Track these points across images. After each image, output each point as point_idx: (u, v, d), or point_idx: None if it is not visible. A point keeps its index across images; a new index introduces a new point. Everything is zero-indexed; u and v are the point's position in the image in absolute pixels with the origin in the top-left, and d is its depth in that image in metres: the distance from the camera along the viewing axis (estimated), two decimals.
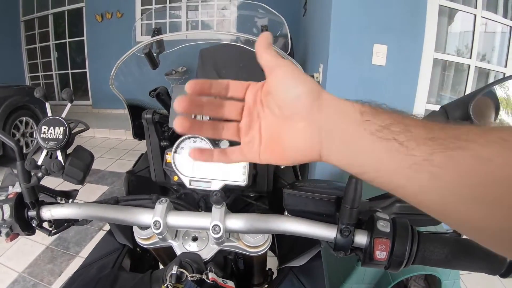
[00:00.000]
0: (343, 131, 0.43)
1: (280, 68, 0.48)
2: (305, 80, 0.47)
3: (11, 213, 0.76)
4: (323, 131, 0.44)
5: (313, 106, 0.45)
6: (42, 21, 8.80)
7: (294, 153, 0.48)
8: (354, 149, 0.42)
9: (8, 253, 3.05)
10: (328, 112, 0.44)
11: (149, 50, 1.11)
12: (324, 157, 0.45)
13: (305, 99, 0.45)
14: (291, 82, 0.46)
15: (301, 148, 0.47)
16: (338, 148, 0.44)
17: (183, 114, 0.49)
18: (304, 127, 0.45)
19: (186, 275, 0.75)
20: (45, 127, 0.76)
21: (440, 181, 0.34)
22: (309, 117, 0.45)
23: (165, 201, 0.76)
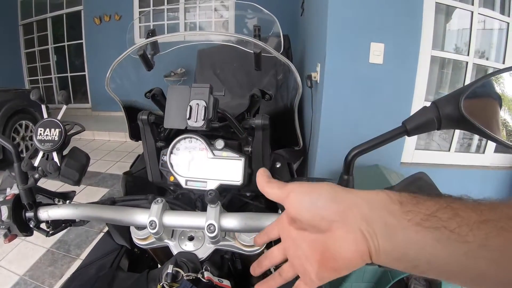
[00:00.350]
0: (384, 225, 0.40)
1: (291, 194, 0.48)
2: (320, 189, 0.46)
3: (9, 214, 0.77)
4: (363, 229, 0.41)
5: (342, 207, 0.43)
6: (41, 25, 8.82)
7: (346, 263, 0.44)
8: (400, 244, 0.39)
9: (9, 256, 3.05)
10: (362, 210, 0.42)
11: (144, 51, 1.11)
12: (373, 256, 0.42)
13: (335, 204, 0.44)
14: (309, 199, 0.46)
15: (350, 254, 0.43)
16: (383, 243, 0.40)
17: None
18: (344, 232, 0.43)
19: (181, 275, 0.75)
20: (41, 129, 0.76)
21: (500, 267, 0.33)
22: (344, 220, 0.43)
23: (160, 201, 0.76)
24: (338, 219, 0.43)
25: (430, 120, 0.56)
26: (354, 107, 2.77)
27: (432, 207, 0.38)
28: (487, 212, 0.35)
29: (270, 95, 0.97)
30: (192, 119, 0.78)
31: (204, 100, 0.79)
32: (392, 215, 0.40)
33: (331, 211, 0.44)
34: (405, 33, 2.64)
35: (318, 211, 0.45)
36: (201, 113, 0.78)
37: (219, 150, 0.93)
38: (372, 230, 0.41)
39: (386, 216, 0.40)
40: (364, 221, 0.41)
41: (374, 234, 0.40)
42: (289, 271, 0.54)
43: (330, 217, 0.44)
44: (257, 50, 1.05)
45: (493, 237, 0.33)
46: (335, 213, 0.43)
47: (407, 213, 0.39)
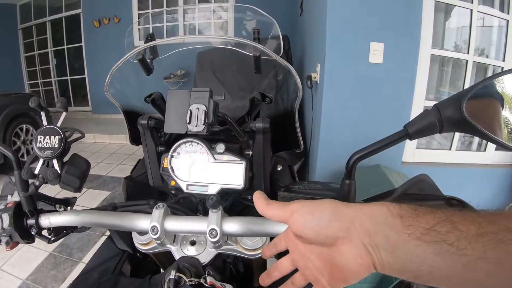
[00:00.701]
0: (386, 239, 0.42)
1: (294, 215, 0.49)
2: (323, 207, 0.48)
3: (10, 222, 0.77)
4: (366, 244, 0.43)
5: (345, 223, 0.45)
6: (40, 29, 8.82)
7: (353, 274, 0.46)
8: (401, 257, 0.41)
9: (11, 261, 3.05)
10: (364, 225, 0.44)
11: (143, 56, 1.11)
12: (378, 267, 0.43)
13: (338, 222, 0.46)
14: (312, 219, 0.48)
15: (356, 268, 0.45)
16: (386, 256, 0.42)
17: None
18: (349, 247, 0.45)
19: (184, 280, 0.75)
20: (41, 136, 0.76)
21: (498, 278, 0.34)
22: (347, 235, 0.45)
23: (162, 206, 0.76)
24: (342, 235, 0.45)
25: (432, 123, 0.56)
26: (355, 107, 2.77)
27: (432, 221, 0.39)
28: (485, 224, 0.36)
29: (270, 98, 0.97)
30: (192, 124, 0.78)
31: (204, 104, 0.78)
32: (393, 230, 0.41)
33: (335, 229, 0.45)
34: (404, 32, 2.64)
35: (322, 230, 0.46)
36: (201, 118, 0.77)
37: (220, 154, 0.93)
38: (374, 244, 0.42)
39: (387, 230, 0.42)
40: (367, 236, 0.43)
41: (376, 248, 0.42)
42: (301, 281, 0.56)
43: (334, 235, 0.46)
44: (257, 53, 1.05)
45: (491, 250, 0.34)
46: (339, 230, 0.45)
47: (407, 228, 0.40)
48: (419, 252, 0.39)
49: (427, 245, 0.38)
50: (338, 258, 0.46)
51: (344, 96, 2.77)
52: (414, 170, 2.82)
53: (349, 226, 0.45)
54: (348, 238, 0.44)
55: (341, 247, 0.45)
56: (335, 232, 0.45)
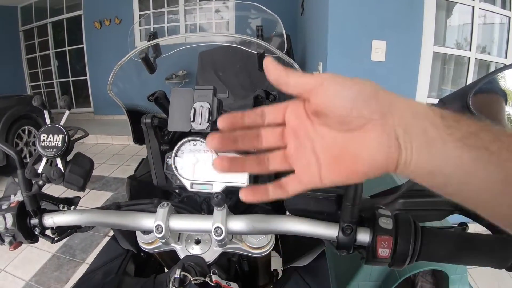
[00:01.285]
0: (424, 134, 0.37)
1: (326, 83, 0.40)
2: (363, 83, 0.40)
3: (14, 221, 0.76)
4: (400, 136, 0.38)
5: (383, 107, 0.39)
6: (41, 30, 8.84)
7: (368, 167, 0.41)
8: (436, 156, 0.36)
9: (15, 262, 3.06)
10: (403, 114, 0.38)
11: (146, 54, 1.11)
12: (401, 166, 0.39)
13: (376, 101, 0.39)
14: (348, 93, 0.40)
15: (377, 160, 0.39)
16: (419, 153, 0.37)
17: (217, 149, 0.45)
18: (379, 133, 0.38)
19: (189, 279, 0.75)
20: (44, 135, 0.75)
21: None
22: (382, 120, 0.38)
23: (166, 205, 0.75)
24: (377, 118, 0.38)
25: None
26: None
27: (474, 127, 0.36)
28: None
29: (274, 96, 0.96)
30: (196, 122, 0.77)
31: (208, 102, 0.78)
32: (434, 126, 0.37)
33: (372, 109, 0.39)
34: (406, 30, 2.63)
35: (357, 107, 0.39)
36: (205, 115, 0.77)
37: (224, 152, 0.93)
38: (408, 138, 0.37)
39: (426, 125, 0.37)
40: (403, 127, 0.38)
41: (410, 143, 0.37)
42: (283, 163, 0.47)
43: (370, 115, 0.38)
44: (261, 51, 1.05)
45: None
46: (375, 112, 0.38)
47: (448, 127, 0.36)
48: (458, 154, 0.35)
49: (468, 148, 0.34)
50: (357, 143, 0.40)
51: None
52: None
53: (386, 111, 0.38)
54: (381, 123, 0.38)
55: (368, 132, 0.39)
56: (371, 113, 0.38)
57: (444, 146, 0.35)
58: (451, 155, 0.35)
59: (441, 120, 0.37)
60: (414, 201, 0.74)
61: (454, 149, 0.35)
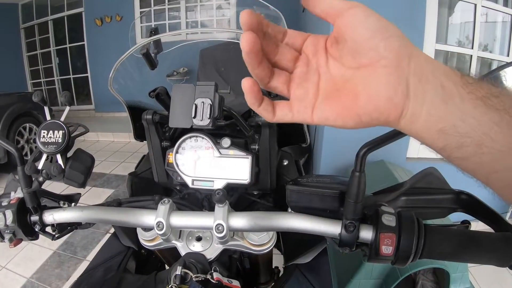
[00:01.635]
0: (440, 87, 0.34)
1: (356, 9, 0.38)
2: (387, 21, 0.38)
3: (14, 218, 0.76)
4: (411, 84, 0.35)
5: (402, 49, 0.36)
6: (42, 28, 8.82)
7: (366, 108, 0.37)
8: (453, 112, 0.33)
9: (15, 259, 3.06)
10: (421, 64, 0.36)
11: (147, 50, 1.10)
12: (406, 119, 0.36)
13: (396, 42, 0.36)
14: (376, 21, 0.37)
15: (378, 101, 0.36)
16: (431, 107, 0.34)
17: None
18: (389, 73, 0.36)
19: (190, 276, 0.74)
20: (44, 131, 0.75)
21: None
22: (396, 61, 0.36)
23: (167, 202, 0.75)
24: (391, 57, 0.36)
25: None
26: None
27: (494, 89, 0.33)
28: None
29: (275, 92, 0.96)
30: (197, 118, 0.77)
31: (210, 98, 0.77)
32: (452, 82, 0.34)
33: (391, 46, 0.36)
34: (408, 27, 2.62)
35: (378, 38, 0.36)
36: (206, 112, 0.77)
37: (225, 149, 0.92)
38: (422, 89, 0.35)
39: (444, 80, 0.35)
40: (417, 76, 0.35)
41: (422, 94, 0.35)
42: (284, 83, 0.45)
43: (385, 50, 0.36)
44: None
45: None
46: (393, 50, 0.36)
47: (467, 85, 0.34)
48: (476, 113, 0.32)
49: (487, 108, 0.32)
50: (363, 80, 0.38)
51: None
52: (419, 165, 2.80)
53: (403, 54, 0.36)
54: (395, 64, 0.35)
55: (379, 69, 0.36)
56: (388, 48, 0.36)
57: (462, 103, 0.33)
58: (469, 114, 0.33)
59: (461, 78, 0.35)
60: (416, 199, 0.73)
61: (472, 108, 0.33)
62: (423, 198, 0.73)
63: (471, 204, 0.70)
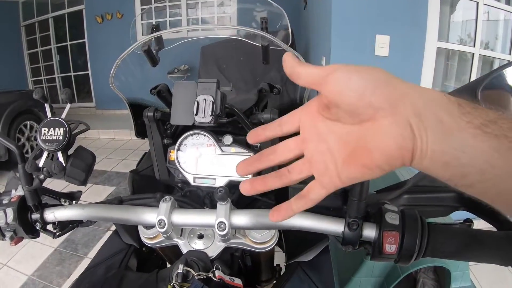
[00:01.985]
0: (439, 122, 0.35)
1: (336, 73, 0.40)
2: (372, 70, 0.39)
3: (15, 216, 0.75)
4: (413, 125, 0.36)
5: (393, 95, 0.37)
6: (43, 25, 8.83)
7: (382, 160, 0.39)
8: (453, 144, 0.35)
9: (16, 257, 3.07)
10: (416, 102, 0.37)
11: (148, 47, 1.10)
12: (417, 157, 0.37)
13: (385, 89, 0.38)
14: (358, 80, 0.39)
15: (391, 151, 0.38)
16: (434, 142, 0.35)
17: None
18: (391, 123, 0.37)
19: (192, 274, 0.74)
20: (45, 128, 0.74)
21: None
22: (393, 109, 0.37)
23: (169, 199, 0.75)
24: (387, 107, 0.37)
25: None
26: None
27: (492, 115, 0.34)
28: None
29: (278, 89, 0.95)
30: (199, 115, 0.77)
31: (212, 95, 0.77)
32: (449, 114, 0.35)
33: (382, 97, 0.37)
34: (410, 25, 2.62)
35: (367, 95, 0.38)
36: (208, 109, 0.76)
37: (227, 146, 0.92)
38: (423, 126, 0.36)
39: (442, 113, 0.35)
40: (416, 116, 0.36)
41: (424, 132, 0.36)
42: (302, 170, 0.47)
43: (379, 104, 0.37)
44: (265, 43, 1.04)
45: None
46: (386, 100, 0.37)
47: (465, 115, 0.34)
48: (476, 143, 0.33)
49: (486, 137, 0.33)
50: (370, 136, 0.39)
51: None
52: None
53: (398, 99, 0.37)
54: (393, 112, 0.37)
55: (380, 121, 0.38)
56: (381, 101, 0.37)
57: (461, 134, 0.34)
58: (469, 144, 0.34)
59: (457, 107, 0.35)
60: (419, 197, 0.73)
61: (472, 138, 0.34)
62: (426, 196, 0.73)
63: (474, 203, 0.70)
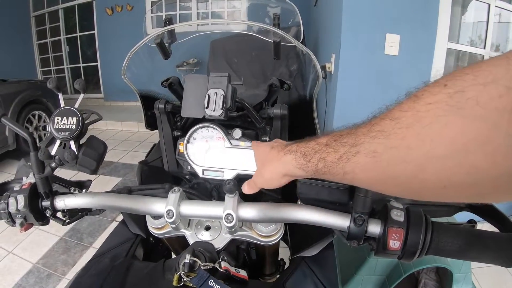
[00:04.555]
0: (322, 159, 0.55)
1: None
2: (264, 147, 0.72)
3: (25, 203, 0.77)
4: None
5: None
6: (53, 16, 8.85)
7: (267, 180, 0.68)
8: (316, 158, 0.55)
9: (22, 245, 3.09)
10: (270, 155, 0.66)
11: (161, 40, 1.11)
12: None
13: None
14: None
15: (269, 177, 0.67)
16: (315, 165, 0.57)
17: None
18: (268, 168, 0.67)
19: (198, 264, 0.75)
20: (58, 117, 0.76)
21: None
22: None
23: (178, 191, 0.76)
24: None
25: None
26: (369, 99, 2.75)
27: (331, 137, 0.54)
28: (345, 136, 0.51)
29: (288, 85, 0.96)
30: (210, 108, 0.77)
31: (222, 89, 0.78)
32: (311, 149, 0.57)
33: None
34: (421, 25, 2.61)
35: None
36: (219, 102, 0.77)
37: (236, 140, 0.93)
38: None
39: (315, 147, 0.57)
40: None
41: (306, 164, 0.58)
42: None
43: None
44: (277, 39, 1.04)
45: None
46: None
47: (332, 142, 0.53)
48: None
49: (332, 148, 0.52)
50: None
51: (358, 87, 2.75)
52: None
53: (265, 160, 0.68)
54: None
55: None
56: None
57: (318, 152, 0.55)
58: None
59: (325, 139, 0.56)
60: None
61: (327, 152, 0.53)
62: None
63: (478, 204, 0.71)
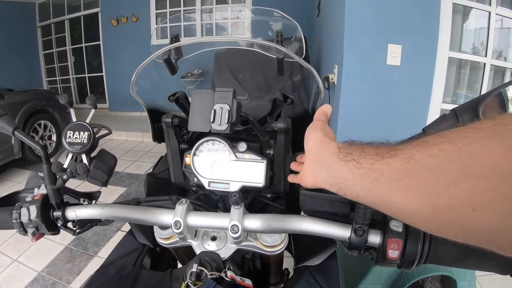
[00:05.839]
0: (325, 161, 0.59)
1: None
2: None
3: (38, 213, 0.79)
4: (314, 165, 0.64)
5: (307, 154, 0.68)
6: (59, 27, 8.95)
7: (306, 180, 0.69)
8: (331, 172, 0.56)
9: (27, 253, 3.12)
10: (314, 156, 0.65)
11: (168, 56, 1.13)
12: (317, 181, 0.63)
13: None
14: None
15: (308, 177, 0.67)
16: (322, 174, 0.60)
17: None
18: (307, 165, 0.68)
19: (205, 273, 0.77)
20: (70, 132, 0.79)
21: (379, 183, 0.45)
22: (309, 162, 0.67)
23: (185, 202, 0.78)
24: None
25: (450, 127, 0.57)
26: (372, 109, 2.77)
27: (354, 150, 0.53)
28: (382, 148, 0.48)
29: (292, 99, 0.98)
30: (216, 123, 0.80)
31: (228, 104, 0.80)
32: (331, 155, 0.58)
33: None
34: (422, 34, 2.63)
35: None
36: (225, 117, 0.80)
37: (241, 153, 0.95)
38: (317, 165, 0.63)
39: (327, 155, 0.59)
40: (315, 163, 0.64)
41: (319, 168, 0.62)
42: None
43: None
44: (280, 56, 1.07)
45: (377, 162, 0.46)
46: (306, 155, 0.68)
47: (338, 154, 0.56)
48: (340, 167, 0.54)
49: (345, 163, 0.53)
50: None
51: (361, 98, 2.77)
52: None
53: (308, 155, 0.67)
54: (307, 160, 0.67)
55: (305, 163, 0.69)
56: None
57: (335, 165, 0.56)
58: (337, 169, 0.55)
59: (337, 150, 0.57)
60: None
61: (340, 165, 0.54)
62: None
63: None
